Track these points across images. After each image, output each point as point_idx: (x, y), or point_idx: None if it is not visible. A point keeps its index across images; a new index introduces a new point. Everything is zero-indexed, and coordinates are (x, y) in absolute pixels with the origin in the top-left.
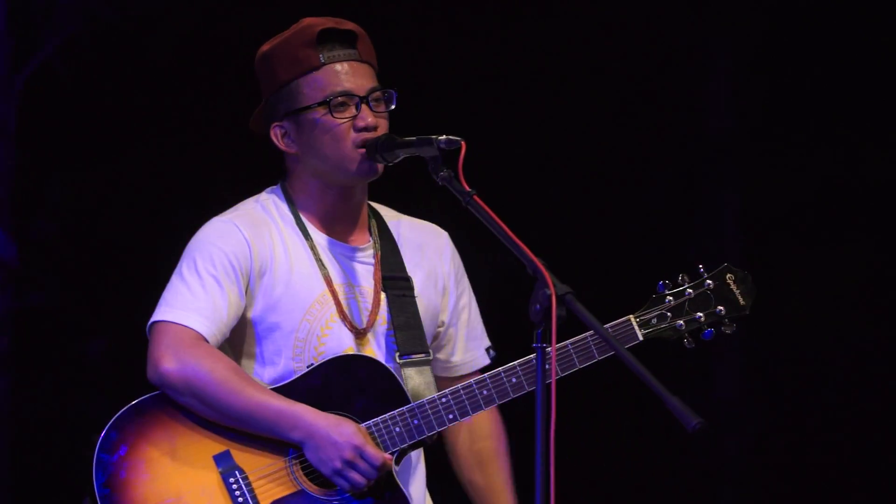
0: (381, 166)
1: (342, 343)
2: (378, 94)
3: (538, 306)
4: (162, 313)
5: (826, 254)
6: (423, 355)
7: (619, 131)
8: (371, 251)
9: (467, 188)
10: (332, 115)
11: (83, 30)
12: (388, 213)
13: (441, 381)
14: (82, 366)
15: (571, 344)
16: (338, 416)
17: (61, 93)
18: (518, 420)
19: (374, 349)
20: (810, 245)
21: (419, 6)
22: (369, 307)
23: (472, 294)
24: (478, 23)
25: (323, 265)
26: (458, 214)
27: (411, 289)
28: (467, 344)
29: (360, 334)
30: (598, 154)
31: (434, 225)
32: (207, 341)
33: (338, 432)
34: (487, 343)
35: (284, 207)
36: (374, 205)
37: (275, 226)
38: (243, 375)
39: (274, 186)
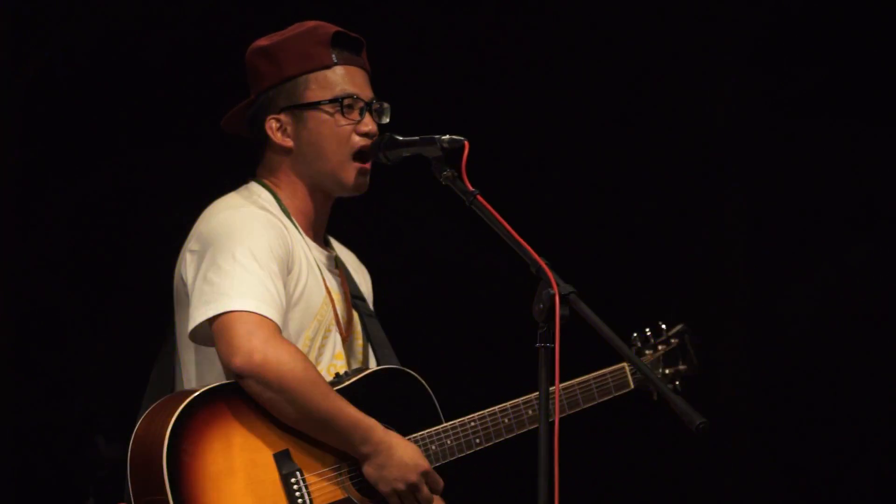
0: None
1: (335, 349)
2: (377, 104)
3: (541, 306)
4: (237, 303)
5: (830, 254)
6: None
7: (622, 131)
8: (335, 264)
9: (471, 188)
10: (343, 115)
11: (83, 34)
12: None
13: None
14: (84, 368)
15: (595, 380)
16: (398, 436)
17: (63, 97)
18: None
19: (365, 362)
20: (815, 245)
21: (422, 5)
22: (346, 317)
23: None
24: (481, 22)
25: (319, 268)
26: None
27: (371, 309)
28: None
29: (345, 341)
30: (601, 154)
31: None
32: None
33: (407, 455)
34: None
35: (276, 206)
36: None
37: (286, 221)
38: (325, 380)
39: (252, 183)
